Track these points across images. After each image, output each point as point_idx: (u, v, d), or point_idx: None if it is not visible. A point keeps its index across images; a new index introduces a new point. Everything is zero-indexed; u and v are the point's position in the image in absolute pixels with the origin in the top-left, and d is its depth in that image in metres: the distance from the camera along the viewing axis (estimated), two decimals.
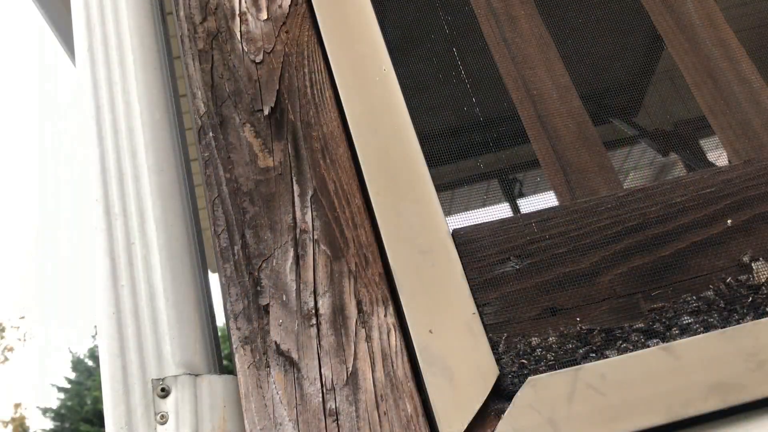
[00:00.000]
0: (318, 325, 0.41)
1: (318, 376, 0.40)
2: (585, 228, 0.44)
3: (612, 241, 0.43)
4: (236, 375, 0.41)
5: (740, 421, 0.39)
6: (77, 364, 12.09)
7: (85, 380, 11.83)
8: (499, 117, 0.49)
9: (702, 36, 0.59)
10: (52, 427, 11.62)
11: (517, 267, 0.42)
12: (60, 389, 11.78)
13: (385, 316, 0.42)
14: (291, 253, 0.43)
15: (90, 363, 12.19)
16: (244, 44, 0.50)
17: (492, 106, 0.52)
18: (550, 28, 0.62)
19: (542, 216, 0.44)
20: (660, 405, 0.38)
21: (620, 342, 0.40)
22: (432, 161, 0.46)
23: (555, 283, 0.39)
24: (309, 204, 0.45)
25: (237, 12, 0.51)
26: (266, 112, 0.48)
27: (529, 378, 0.39)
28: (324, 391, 0.40)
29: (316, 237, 0.44)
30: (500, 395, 0.39)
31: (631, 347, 0.38)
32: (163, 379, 0.42)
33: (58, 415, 11.52)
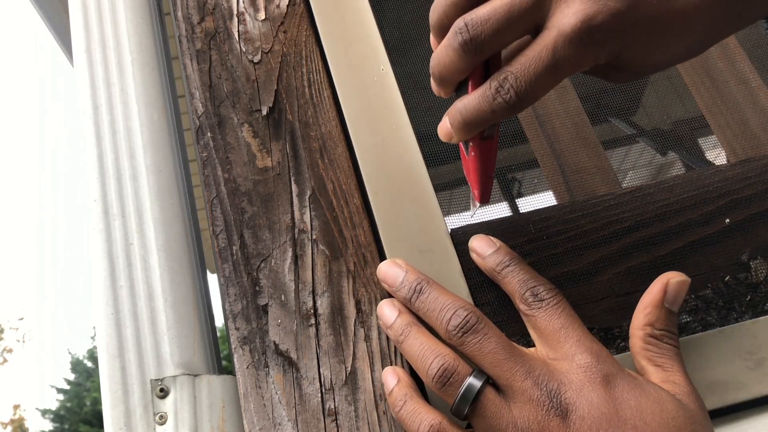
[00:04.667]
0: (317, 324, 0.41)
1: (317, 376, 0.40)
2: (583, 227, 0.44)
3: (610, 240, 0.43)
4: (235, 375, 0.41)
5: (739, 420, 0.39)
6: (76, 366, 12.08)
7: (84, 381, 11.83)
8: None
9: None
10: (51, 428, 11.60)
11: None
12: (59, 390, 11.78)
13: None
14: (289, 253, 0.43)
15: (89, 364, 12.19)
16: (242, 44, 0.50)
17: None
18: None
19: (540, 215, 0.44)
20: None
21: (619, 341, 0.41)
22: (430, 161, 0.46)
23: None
24: (307, 204, 0.45)
25: (235, 12, 0.51)
26: (264, 112, 0.48)
27: None
28: (323, 391, 0.40)
29: (314, 237, 0.44)
30: None
31: (630, 346, 0.38)
32: (161, 380, 0.42)
33: (57, 416, 11.52)
